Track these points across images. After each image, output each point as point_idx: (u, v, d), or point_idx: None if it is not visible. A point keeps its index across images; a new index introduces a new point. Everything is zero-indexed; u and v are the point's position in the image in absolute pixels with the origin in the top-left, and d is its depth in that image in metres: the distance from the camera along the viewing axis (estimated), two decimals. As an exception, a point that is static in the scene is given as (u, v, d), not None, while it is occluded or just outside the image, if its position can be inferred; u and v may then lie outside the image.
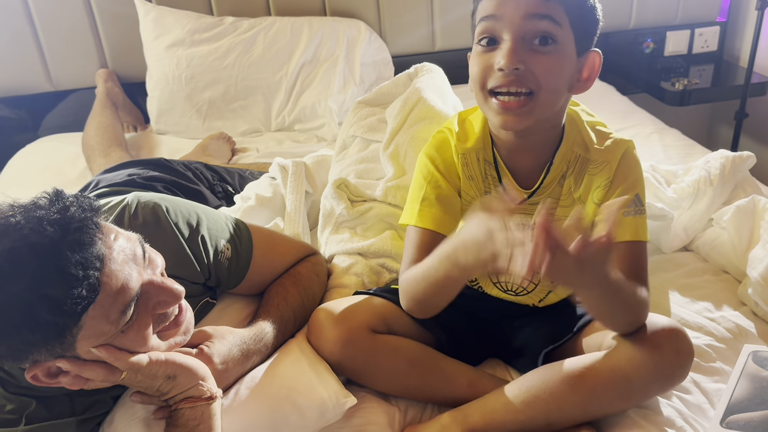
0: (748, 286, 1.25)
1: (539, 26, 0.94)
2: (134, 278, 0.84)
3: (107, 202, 1.05)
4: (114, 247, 0.83)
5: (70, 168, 1.96)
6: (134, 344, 0.87)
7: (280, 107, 2.17)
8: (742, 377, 1.07)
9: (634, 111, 2.21)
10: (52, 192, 0.83)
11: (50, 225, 0.78)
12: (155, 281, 0.88)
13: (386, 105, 1.60)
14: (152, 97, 2.18)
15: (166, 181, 1.41)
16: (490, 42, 0.97)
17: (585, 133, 1.08)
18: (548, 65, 0.95)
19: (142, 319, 0.87)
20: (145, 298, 0.87)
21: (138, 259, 0.87)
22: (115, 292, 0.81)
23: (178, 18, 2.16)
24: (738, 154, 1.50)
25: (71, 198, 0.82)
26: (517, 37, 0.95)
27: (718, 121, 2.82)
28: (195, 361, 0.95)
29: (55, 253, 0.77)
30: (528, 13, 0.94)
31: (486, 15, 0.97)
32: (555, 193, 1.09)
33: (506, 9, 0.95)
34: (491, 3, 0.96)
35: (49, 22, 2.18)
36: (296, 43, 2.16)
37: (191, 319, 0.98)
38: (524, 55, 0.94)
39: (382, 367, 1.08)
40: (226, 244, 1.12)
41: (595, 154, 1.07)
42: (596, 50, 1.02)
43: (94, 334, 0.82)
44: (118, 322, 0.83)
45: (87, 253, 0.78)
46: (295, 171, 1.50)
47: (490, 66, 0.97)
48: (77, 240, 0.78)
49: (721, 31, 2.62)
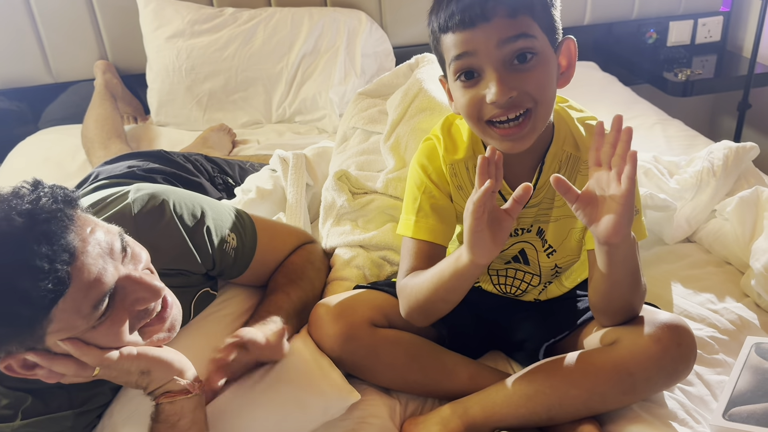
0: (751, 278, 1.24)
1: (515, 47, 0.91)
2: (109, 272, 0.83)
3: (110, 193, 1.05)
4: (89, 239, 0.81)
5: (70, 160, 1.96)
6: (107, 340, 0.85)
7: (280, 99, 2.16)
8: (744, 369, 1.07)
9: (637, 102, 2.20)
10: (31, 182, 0.82)
11: (19, 215, 0.77)
12: (133, 276, 0.86)
13: (387, 96, 1.59)
14: (152, 89, 2.17)
15: (166, 173, 1.40)
16: (469, 75, 0.94)
17: (575, 129, 1.06)
18: (537, 79, 0.93)
19: (116, 315, 0.85)
20: (122, 293, 0.85)
21: (115, 253, 0.85)
22: (86, 285, 0.80)
23: (178, 9, 2.15)
24: (741, 145, 1.50)
25: (47, 188, 0.81)
26: (498, 65, 0.91)
27: (721, 111, 2.80)
28: (171, 354, 0.94)
29: (22, 244, 0.76)
30: (501, 39, 0.90)
31: (458, 53, 0.93)
32: (550, 194, 1.08)
33: (477, 43, 0.91)
34: (460, 39, 0.92)
35: (49, 14, 2.16)
36: (297, 34, 2.15)
37: (177, 315, 0.97)
38: (512, 81, 0.91)
39: (382, 362, 1.08)
40: (231, 234, 1.12)
41: (586, 152, 1.04)
42: (569, 37, 0.99)
43: (65, 327, 0.81)
44: (90, 317, 0.82)
45: (56, 245, 0.77)
46: (296, 163, 1.49)
47: (480, 99, 0.94)
48: (44, 231, 0.77)
49: (724, 21, 2.59)
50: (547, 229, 1.11)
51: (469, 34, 0.91)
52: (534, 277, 1.16)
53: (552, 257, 1.13)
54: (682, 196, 1.44)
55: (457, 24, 0.92)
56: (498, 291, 1.20)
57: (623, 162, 0.87)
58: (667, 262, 1.37)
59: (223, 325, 1.13)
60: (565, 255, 1.13)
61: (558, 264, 1.14)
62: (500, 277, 1.19)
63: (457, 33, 0.92)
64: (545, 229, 1.11)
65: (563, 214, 1.09)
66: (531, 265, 1.15)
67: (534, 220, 1.10)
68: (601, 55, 2.55)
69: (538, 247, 1.13)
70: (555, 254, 1.13)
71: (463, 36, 0.92)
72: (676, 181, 1.46)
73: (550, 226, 1.10)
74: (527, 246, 1.14)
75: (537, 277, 1.16)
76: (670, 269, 1.34)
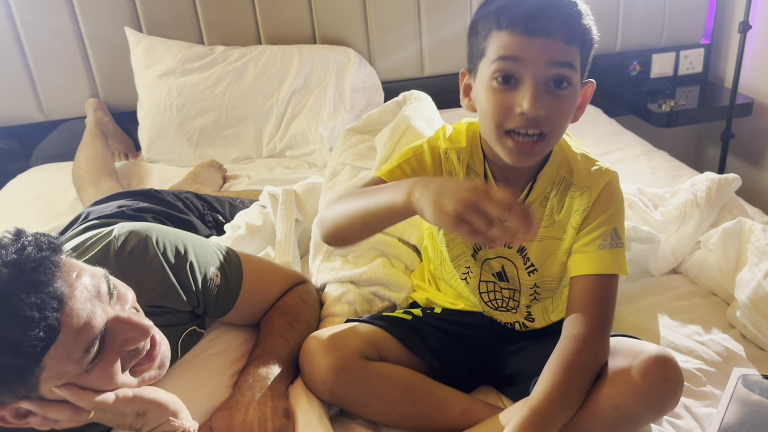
0: (737, 309, 1.26)
1: (560, 72, 0.94)
2: (98, 315, 0.83)
3: (93, 234, 1.06)
4: (76, 285, 0.82)
5: (61, 198, 1.96)
6: (101, 382, 0.86)
7: (271, 134, 2.18)
8: (732, 401, 1.07)
9: (622, 133, 2.23)
10: (13, 231, 0.82)
11: (5, 266, 0.77)
12: (122, 317, 0.87)
13: (375, 132, 1.61)
14: (143, 126, 2.19)
15: (155, 212, 1.41)
16: (506, 80, 0.95)
17: (572, 156, 1.09)
18: (563, 108, 0.96)
19: (108, 357, 0.86)
20: (112, 335, 0.86)
21: (102, 296, 0.86)
22: (76, 331, 0.80)
23: (169, 48, 2.18)
24: (723, 177, 1.52)
25: (30, 237, 0.82)
26: (539, 81, 0.93)
27: (706, 141, 2.85)
28: (166, 396, 0.94)
29: (9, 295, 0.76)
30: (551, 60, 0.93)
31: (506, 55, 0.94)
32: (538, 213, 1.10)
33: (530, 53, 0.92)
34: (513, 43, 0.93)
35: (41, 52, 2.19)
36: (287, 71, 2.18)
37: (167, 353, 0.97)
38: (544, 100, 0.93)
39: (374, 395, 1.08)
40: (215, 271, 1.12)
41: (579, 178, 1.08)
42: (591, 80, 1.03)
43: (58, 374, 0.81)
44: (82, 361, 0.82)
45: (43, 293, 0.77)
46: (285, 199, 1.51)
47: (510, 106, 0.95)
48: (32, 281, 0.77)
49: (705, 53, 2.65)
50: (530, 247, 1.12)
51: (526, 41, 0.93)
52: (515, 293, 1.18)
53: (533, 276, 1.15)
54: (666, 228, 1.46)
55: (519, 28, 0.93)
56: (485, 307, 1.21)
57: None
58: (653, 293, 1.38)
59: (212, 365, 1.13)
60: (546, 275, 1.15)
61: (537, 284, 1.15)
62: (489, 293, 1.20)
63: (514, 35, 0.93)
64: (527, 248, 1.13)
65: (548, 235, 1.11)
66: (510, 282, 1.17)
67: None
68: (586, 88, 2.59)
69: (518, 264, 1.15)
70: (536, 273, 1.14)
71: (519, 41, 0.93)
72: (660, 213, 1.48)
73: (534, 245, 1.12)
74: (506, 263, 1.15)
75: (517, 293, 1.17)
76: (657, 301, 1.36)
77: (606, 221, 1.06)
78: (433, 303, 1.27)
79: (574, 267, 1.07)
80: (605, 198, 1.07)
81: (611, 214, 1.07)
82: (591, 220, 1.07)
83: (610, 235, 1.06)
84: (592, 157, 1.11)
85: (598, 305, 1.03)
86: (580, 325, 1.02)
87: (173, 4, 2.22)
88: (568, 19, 0.94)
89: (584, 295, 1.04)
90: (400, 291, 1.33)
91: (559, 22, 0.93)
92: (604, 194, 1.07)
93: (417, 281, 1.33)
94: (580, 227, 1.08)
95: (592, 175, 1.08)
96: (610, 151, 2.06)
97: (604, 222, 1.06)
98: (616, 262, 1.05)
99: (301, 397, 1.08)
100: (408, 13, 2.35)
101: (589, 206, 1.07)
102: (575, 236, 1.09)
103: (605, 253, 1.05)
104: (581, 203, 1.07)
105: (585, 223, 1.07)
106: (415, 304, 1.31)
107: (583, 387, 0.99)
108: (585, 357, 0.99)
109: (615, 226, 1.06)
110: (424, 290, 1.30)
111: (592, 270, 1.05)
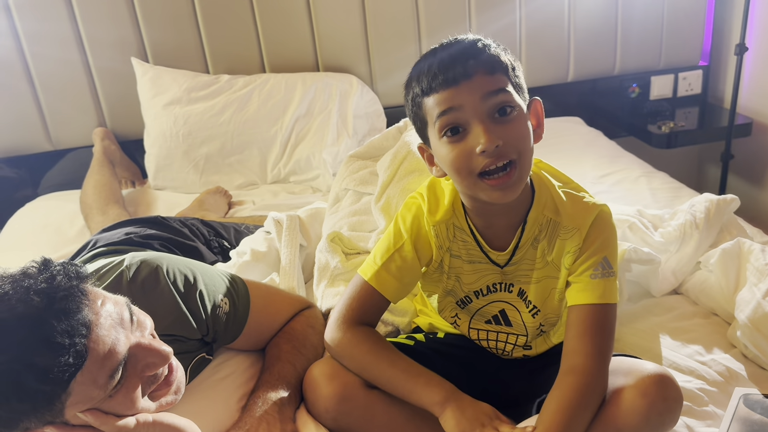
0: (737, 329, 1.26)
1: (497, 100, 0.96)
2: (122, 342, 0.86)
3: (105, 264, 1.08)
4: (101, 312, 0.85)
5: (68, 226, 1.99)
6: (123, 407, 0.88)
7: (275, 160, 2.21)
8: (733, 421, 1.08)
9: (622, 155, 2.25)
10: (40, 261, 0.85)
11: (36, 295, 0.80)
12: (143, 343, 0.90)
13: (377, 158, 1.64)
14: (150, 154, 2.23)
15: (162, 239, 1.43)
16: (455, 131, 0.98)
17: (556, 195, 1.09)
18: (518, 131, 0.98)
19: (130, 382, 0.88)
20: (133, 360, 0.88)
21: (125, 323, 0.88)
22: (102, 357, 0.83)
23: (175, 77, 2.23)
24: (722, 198, 1.54)
25: (58, 267, 0.85)
26: (483, 117, 0.96)
27: (707, 161, 2.87)
28: (183, 421, 0.96)
29: (41, 322, 0.79)
30: (484, 93, 0.95)
31: (444, 109, 0.97)
32: (530, 255, 1.11)
33: (462, 97, 0.95)
34: (444, 97, 0.97)
35: (49, 83, 2.24)
36: (290, 98, 2.22)
37: (182, 378, 1.00)
38: (497, 131, 0.96)
39: (378, 422, 1.09)
40: (223, 298, 1.14)
41: (566, 218, 1.08)
42: (535, 98, 1.05)
43: (83, 399, 0.83)
44: (106, 387, 0.85)
45: (73, 320, 0.80)
46: (290, 225, 1.53)
47: (468, 152, 0.97)
48: (63, 308, 0.80)
49: (704, 74, 2.68)
50: (529, 290, 1.13)
51: (453, 91, 0.96)
52: (519, 338, 1.19)
53: (537, 317, 1.16)
54: (666, 249, 1.47)
55: (441, 84, 0.96)
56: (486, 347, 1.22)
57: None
58: (654, 314, 1.39)
59: (220, 389, 1.14)
60: (548, 313, 1.16)
61: (542, 323, 1.17)
62: (481, 341, 1.21)
63: (441, 92, 0.97)
64: (527, 290, 1.14)
65: (544, 276, 1.12)
66: (514, 326, 1.18)
67: (515, 280, 1.13)
68: (585, 111, 2.62)
69: (521, 308, 1.16)
70: (540, 314, 1.15)
71: (448, 94, 0.96)
72: (660, 234, 1.49)
73: (532, 288, 1.13)
74: (508, 307, 1.16)
75: (523, 337, 1.18)
76: (658, 321, 1.36)
77: (596, 251, 1.06)
78: (435, 327, 1.28)
79: (570, 297, 1.08)
80: (593, 233, 1.07)
81: (600, 244, 1.07)
82: (581, 254, 1.07)
83: (600, 264, 1.06)
84: (577, 194, 1.10)
85: (595, 334, 1.04)
86: (580, 355, 1.03)
87: (179, 34, 2.27)
88: (478, 56, 0.97)
89: (581, 325, 1.05)
90: (403, 316, 1.34)
91: (471, 61, 0.96)
92: (592, 230, 1.07)
93: (419, 306, 1.35)
94: (572, 267, 1.08)
95: (579, 213, 1.07)
96: (610, 172, 2.08)
97: (594, 252, 1.06)
98: (607, 291, 1.06)
99: (308, 422, 1.09)
100: (408, 38, 2.40)
101: (579, 246, 1.07)
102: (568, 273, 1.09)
103: (597, 283, 1.05)
104: (572, 245, 1.07)
105: (577, 263, 1.08)
106: (418, 329, 1.32)
107: (587, 422, 1.00)
108: (590, 393, 1.00)
109: (605, 255, 1.06)
110: (427, 315, 1.31)
111: (586, 300, 1.05)
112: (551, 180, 1.11)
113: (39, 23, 2.17)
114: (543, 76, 2.56)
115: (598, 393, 1.01)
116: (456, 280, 1.15)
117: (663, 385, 0.98)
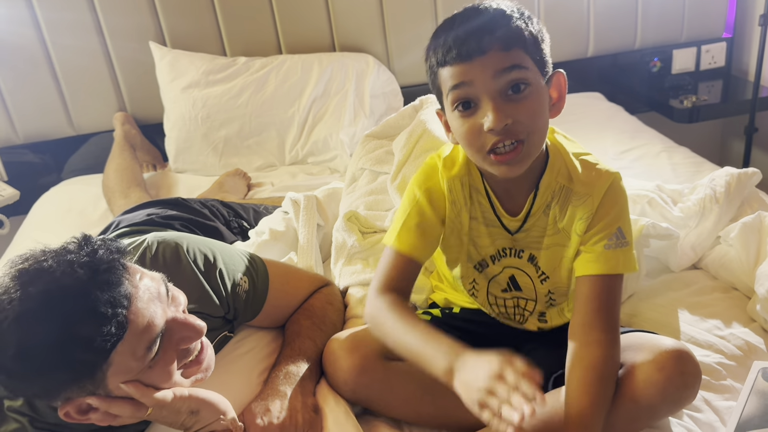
0: (757, 303, 1.25)
1: (510, 77, 0.95)
2: (159, 315, 0.89)
3: (128, 243, 1.10)
4: (140, 286, 0.88)
5: (92, 209, 2.03)
6: (160, 380, 0.91)
7: (293, 142, 2.22)
8: (752, 394, 1.08)
9: (643, 130, 2.22)
10: (80, 237, 0.88)
11: (80, 267, 0.83)
12: (178, 318, 0.93)
13: (393, 137, 1.65)
14: (170, 137, 2.25)
15: (183, 219, 1.46)
16: (466, 106, 0.98)
17: (569, 162, 1.09)
18: (531, 109, 0.97)
19: (167, 355, 0.91)
20: (170, 334, 0.91)
21: (162, 297, 0.91)
22: (141, 329, 0.86)
23: (193, 60, 2.24)
24: (743, 171, 1.52)
25: (99, 242, 0.88)
26: (494, 95, 0.95)
27: (730, 135, 2.82)
28: (216, 396, 0.99)
29: (86, 293, 0.82)
30: (496, 70, 0.95)
31: (456, 83, 0.97)
32: (542, 222, 1.11)
33: (474, 73, 0.95)
34: (457, 71, 0.96)
35: (70, 71, 2.28)
36: (307, 79, 2.23)
37: (212, 357, 1.02)
38: (507, 109, 0.95)
39: (396, 394, 1.10)
40: (242, 276, 1.17)
41: (579, 185, 1.07)
42: (559, 71, 1.04)
43: (123, 370, 0.86)
44: (144, 358, 0.88)
45: (115, 292, 0.83)
46: (307, 205, 1.54)
47: (478, 128, 0.97)
48: (106, 280, 0.83)
49: (727, 46, 2.62)
50: (539, 256, 1.14)
51: (466, 66, 0.96)
52: (529, 302, 1.19)
53: (546, 284, 1.16)
54: (686, 224, 1.46)
55: (455, 57, 0.96)
56: (499, 319, 1.22)
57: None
58: (673, 289, 1.38)
59: (241, 364, 1.17)
60: (557, 282, 1.16)
61: (551, 291, 1.17)
62: (499, 307, 1.22)
63: (454, 66, 0.97)
64: (537, 256, 1.14)
65: (554, 243, 1.12)
66: (524, 291, 1.18)
67: (525, 246, 1.14)
68: (606, 86, 2.59)
69: (531, 274, 1.16)
70: (548, 281, 1.16)
71: (461, 68, 0.96)
72: (679, 209, 1.48)
73: (542, 254, 1.13)
74: (517, 272, 1.17)
75: (533, 302, 1.19)
76: (677, 296, 1.36)
77: (610, 222, 1.06)
78: (451, 303, 1.29)
79: (580, 267, 1.08)
80: (608, 202, 1.06)
81: (615, 214, 1.06)
82: (595, 224, 1.07)
83: (615, 234, 1.06)
84: (591, 160, 1.10)
85: (611, 306, 1.04)
86: (598, 330, 1.03)
87: (196, 18, 2.29)
88: (495, 31, 0.95)
89: (596, 297, 1.04)
90: (420, 292, 1.35)
91: (487, 37, 0.94)
92: (607, 199, 1.06)
93: (435, 282, 1.35)
94: (585, 232, 1.08)
95: (592, 180, 1.07)
96: (631, 148, 2.05)
97: (609, 224, 1.06)
98: (623, 261, 1.06)
99: (328, 396, 1.11)
100: (425, 17, 2.38)
101: (592, 213, 1.07)
102: (579, 241, 1.09)
103: (612, 253, 1.05)
104: (584, 211, 1.07)
105: (589, 228, 1.07)
106: (434, 304, 1.33)
107: (612, 392, 1.00)
108: (612, 365, 1.01)
109: (619, 225, 1.06)
110: (443, 290, 1.32)
111: (600, 270, 1.05)
112: (565, 147, 1.11)
113: (59, 13, 2.20)
114: (562, 52, 2.52)
115: (617, 363, 1.02)
116: (473, 245, 1.16)
117: (681, 360, 0.98)
